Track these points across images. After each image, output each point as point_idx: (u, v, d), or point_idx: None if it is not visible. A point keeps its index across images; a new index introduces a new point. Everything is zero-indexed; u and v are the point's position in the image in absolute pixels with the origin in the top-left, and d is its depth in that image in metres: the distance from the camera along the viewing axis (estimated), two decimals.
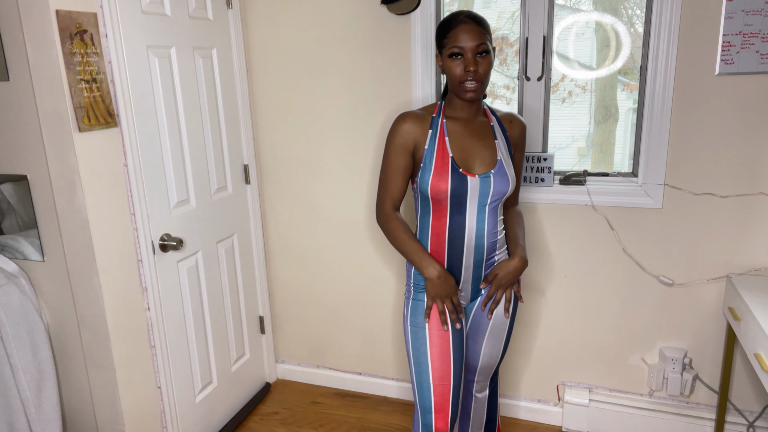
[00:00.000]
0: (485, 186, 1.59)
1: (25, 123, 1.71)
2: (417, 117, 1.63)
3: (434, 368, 1.64)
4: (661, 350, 2.21)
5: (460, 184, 1.58)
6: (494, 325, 1.76)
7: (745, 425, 2.16)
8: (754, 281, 1.96)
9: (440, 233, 1.64)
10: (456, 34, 1.53)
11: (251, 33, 2.44)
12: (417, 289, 1.68)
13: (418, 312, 1.67)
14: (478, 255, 1.66)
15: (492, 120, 1.67)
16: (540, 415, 2.44)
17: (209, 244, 2.30)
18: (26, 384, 1.80)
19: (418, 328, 1.66)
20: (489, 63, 1.54)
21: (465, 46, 1.52)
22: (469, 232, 1.62)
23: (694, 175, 2.03)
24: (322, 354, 2.77)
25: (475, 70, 1.52)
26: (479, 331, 1.76)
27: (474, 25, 1.52)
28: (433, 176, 1.58)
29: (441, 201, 1.60)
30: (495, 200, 1.62)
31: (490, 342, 1.78)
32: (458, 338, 1.66)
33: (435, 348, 1.64)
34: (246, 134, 2.49)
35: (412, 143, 1.62)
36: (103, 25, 1.74)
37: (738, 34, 1.87)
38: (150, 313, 2.00)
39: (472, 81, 1.53)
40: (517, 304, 1.77)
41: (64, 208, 1.75)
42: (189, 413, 2.24)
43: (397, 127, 1.62)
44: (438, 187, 1.58)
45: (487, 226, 1.64)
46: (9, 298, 1.76)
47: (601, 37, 2.15)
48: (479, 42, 1.51)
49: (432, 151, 1.60)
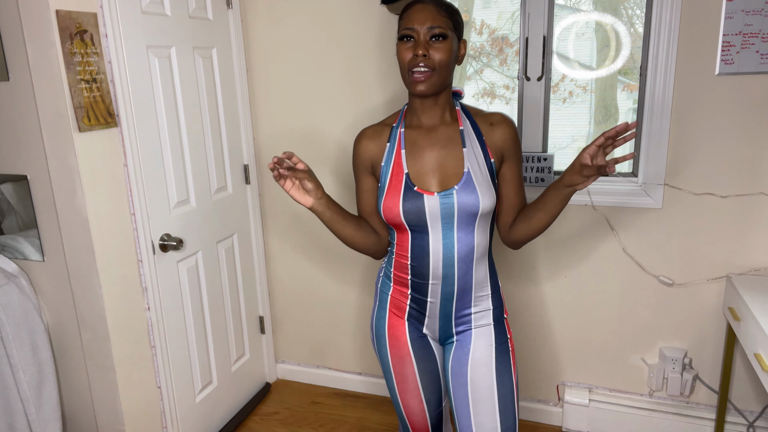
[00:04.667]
0: (447, 205, 1.34)
1: (25, 123, 1.71)
2: (374, 132, 1.46)
3: (406, 406, 1.54)
4: (661, 350, 2.21)
5: (414, 205, 1.35)
6: (474, 380, 1.42)
7: (745, 425, 2.16)
8: (754, 281, 1.96)
9: (402, 256, 1.44)
10: (409, 14, 1.31)
11: (251, 33, 2.44)
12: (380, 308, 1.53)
13: (380, 336, 1.53)
14: (447, 286, 1.41)
15: (462, 124, 1.41)
16: (540, 415, 2.44)
17: (209, 244, 2.30)
18: (26, 384, 1.80)
19: (384, 362, 1.54)
20: (446, 50, 1.29)
21: (416, 27, 1.29)
22: (435, 257, 1.38)
23: (694, 175, 2.03)
24: (322, 354, 2.77)
25: (425, 54, 1.28)
26: (461, 390, 1.44)
27: (430, 5, 1.30)
28: (385, 198, 1.38)
29: (397, 224, 1.40)
30: (465, 220, 1.36)
31: (481, 407, 1.41)
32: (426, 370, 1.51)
33: (404, 387, 1.52)
34: (246, 134, 2.49)
35: (369, 163, 1.46)
36: (103, 25, 1.74)
37: (738, 34, 1.87)
38: (150, 313, 2.00)
39: (423, 67, 1.28)
40: (508, 355, 1.46)
41: (64, 208, 1.75)
42: (189, 413, 2.24)
43: (354, 149, 1.47)
44: (389, 208, 1.37)
45: (458, 250, 1.38)
46: (9, 298, 1.76)
47: (601, 37, 2.15)
48: (433, 24, 1.28)
49: (388, 168, 1.41)
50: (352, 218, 1.48)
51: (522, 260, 2.30)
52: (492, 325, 1.46)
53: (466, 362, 1.44)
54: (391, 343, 1.51)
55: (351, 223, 1.47)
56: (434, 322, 1.48)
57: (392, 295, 1.51)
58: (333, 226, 1.45)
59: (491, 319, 1.47)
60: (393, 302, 1.51)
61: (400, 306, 1.50)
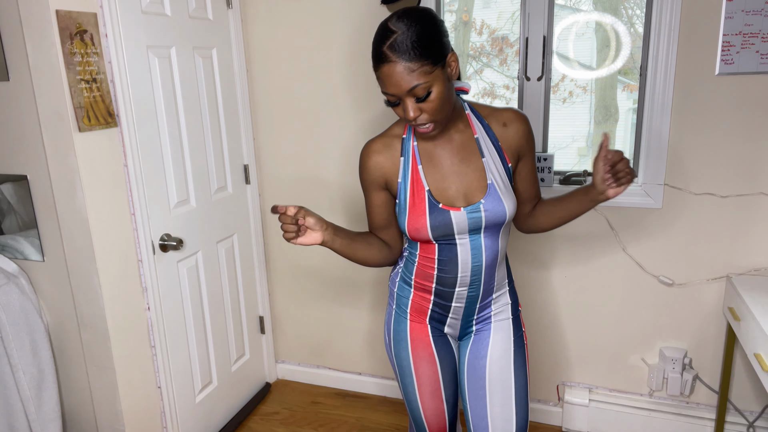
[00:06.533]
0: (474, 219, 1.33)
1: (25, 123, 1.71)
2: (382, 145, 1.39)
3: (426, 408, 1.51)
4: (661, 350, 2.21)
5: (441, 222, 1.33)
6: (492, 372, 1.44)
7: (745, 425, 2.16)
8: (754, 281, 1.96)
9: (428, 266, 1.42)
10: (381, 77, 1.22)
11: (251, 33, 2.44)
12: (399, 311, 1.50)
13: (401, 339, 1.49)
14: (473, 291, 1.42)
15: (476, 131, 1.37)
16: (540, 415, 2.44)
17: (209, 244, 2.30)
18: (26, 384, 1.80)
19: (403, 365, 1.50)
20: (437, 99, 1.21)
21: (394, 93, 1.21)
22: (463, 266, 1.38)
23: (694, 175, 2.03)
24: (322, 354, 2.77)
25: (417, 116, 1.24)
26: (478, 383, 1.45)
27: (397, 65, 1.17)
28: (410, 217, 1.35)
29: (426, 240, 1.38)
30: (492, 229, 1.37)
31: (497, 399, 1.43)
32: (448, 368, 1.50)
33: (424, 389, 1.49)
34: (246, 134, 2.49)
35: (383, 179, 1.39)
36: (103, 25, 1.74)
37: (738, 34, 1.87)
38: (150, 313, 2.00)
39: (423, 123, 1.26)
40: (523, 349, 1.48)
41: (64, 208, 1.75)
42: (189, 413, 2.24)
43: (363, 164, 1.40)
44: (416, 229, 1.35)
45: (486, 257, 1.38)
46: (9, 298, 1.76)
47: (601, 37, 2.15)
48: (409, 87, 1.18)
49: (405, 185, 1.36)
50: (361, 238, 1.45)
51: (522, 260, 2.30)
52: (510, 319, 1.48)
53: (484, 355, 1.45)
54: (413, 345, 1.49)
55: (361, 244, 1.44)
56: (456, 322, 1.48)
57: (413, 299, 1.48)
58: (345, 252, 1.41)
59: (509, 314, 1.48)
60: (414, 306, 1.48)
61: (422, 310, 1.48)
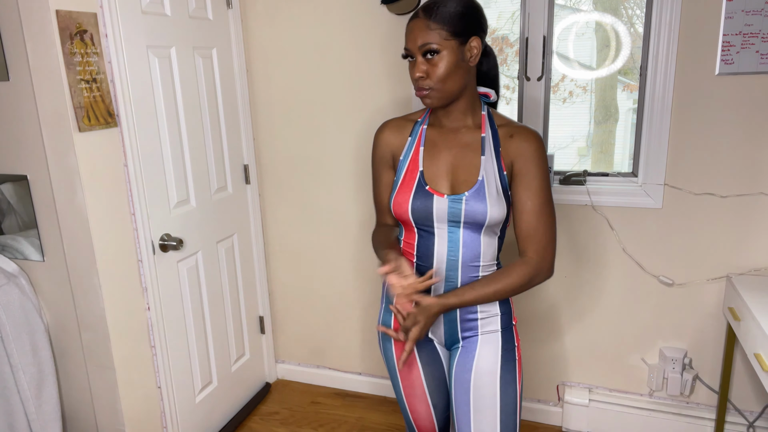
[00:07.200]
0: (455, 210, 1.33)
1: (25, 123, 1.71)
2: (397, 125, 1.45)
3: (413, 411, 1.53)
4: (661, 350, 2.21)
5: (423, 204, 1.35)
6: (477, 387, 1.39)
7: (745, 425, 2.16)
8: (754, 281, 1.96)
9: (409, 254, 1.42)
10: (406, 31, 1.30)
11: (251, 33, 2.44)
12: (387, 309, 1.49)
13: (387, 338, 1.50)
14: (451, 285, 1.38)
15: (485, 131, 1.38)
16: (540, 415, 2.44)
17: (209, 244, 2.30)
18: (26, 384, 1.80)
19: (390, 365, 1.52)
20: (442, 65, 1.26)
21: (410, 47, 1.29)
22: (439, 259, 1.37)
23: (694, 175, 2.03)
24: (322, 354, 2.77)
25: (420, 76, 1.29)
26: (463, 397, 1.41)
27: (420, 20, 1.26)
28: (397, 192, 1.39)
29: (405, 221, 1.39)
30: (471, 227, 1.34)
31: (481, 416, 1.39)
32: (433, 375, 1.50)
33: (409, 392, 1.51)
34: (246, 134, 2.49)
35: (390, 155, 1.45)
36: (103, 25, 1.74)
37: (738, 34, 1.87)
38: (150, 313, 2.00)
39: (423, 85, 1.30)
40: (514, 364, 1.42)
41: (64, 208, 1.75)
42: (189, 413, 2.24)
43: (376, 138, 1.47)
44: (398, 203, 1.37)
45: (463, 254, 1.36)
46: (9, 298, 1.76)
47: (601, 37, 2.15)
48: (423, 42, 1.26)
49: (405, 163, 1.40)
50: (391, 240, 1.44)
51: None
52: (500, 331, 1.42)
53: (470, 369, 1.40)
54: (397, 345, 1.50)
55: (395, 242, 1.44)
56: (439, 326, 1.44)
57: None
58: None
59: (499, 326, 1.42)
60: None
61: None
